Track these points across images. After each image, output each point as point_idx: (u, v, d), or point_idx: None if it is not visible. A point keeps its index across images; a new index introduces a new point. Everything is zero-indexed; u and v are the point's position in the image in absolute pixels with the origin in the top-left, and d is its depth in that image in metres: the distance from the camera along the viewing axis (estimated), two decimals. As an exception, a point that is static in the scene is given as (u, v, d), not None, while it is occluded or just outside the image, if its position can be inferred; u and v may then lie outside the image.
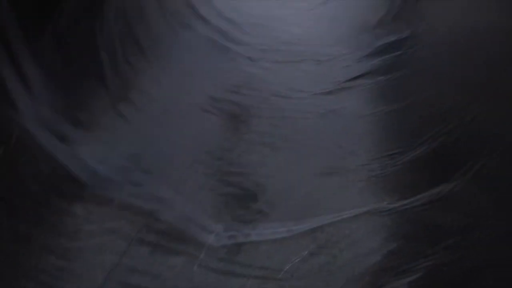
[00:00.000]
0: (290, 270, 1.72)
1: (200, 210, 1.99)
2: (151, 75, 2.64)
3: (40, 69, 1.96)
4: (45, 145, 1.79)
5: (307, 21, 3.81)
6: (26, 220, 1.61)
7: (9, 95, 1.70)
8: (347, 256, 1.83)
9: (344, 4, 3.91)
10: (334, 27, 3.61)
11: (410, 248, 1.80)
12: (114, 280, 1.60)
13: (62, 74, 2.10)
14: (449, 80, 2.43)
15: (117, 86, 2.38)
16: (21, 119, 1.75)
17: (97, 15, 2.40)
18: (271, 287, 1.65)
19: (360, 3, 3.69)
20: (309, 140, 2.41)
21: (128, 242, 1.75)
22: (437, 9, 2.97)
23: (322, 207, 2.07)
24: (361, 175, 2.13)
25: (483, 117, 2.07)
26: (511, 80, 2.03)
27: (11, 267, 1.52)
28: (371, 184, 2.07)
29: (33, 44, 1.92)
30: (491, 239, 1.73)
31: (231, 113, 2.61)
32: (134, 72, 2.54)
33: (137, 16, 2.79)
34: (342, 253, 1.85)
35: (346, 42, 3.32)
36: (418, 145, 2.13)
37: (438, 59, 2.63)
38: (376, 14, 3.36)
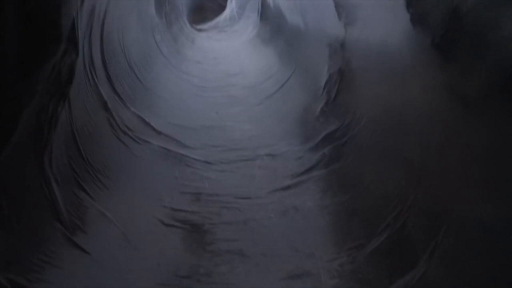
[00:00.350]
0: None
1: None
2: (108, 198, 2.59)
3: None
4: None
5: (256, 117, 4.00)
6: None
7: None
8: None
9: (288, 98, 4.17)
10: (282, 120, 3.80)
11: None
12: None
13: (8, 218, 2.01)
14: (389, 162, 2.58)
15: (73, 217, 2.30)
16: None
17: (45, 145, 2.38)
18: None
19: (302, 95, 3.96)
20: (275, 241, 2.39)
21: None
22: (372, 91, 3.24)
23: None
24: (331, 272, 2.11)
25: (428, 194, 2.18)
26: (446, 155, 2.18)
27: None
28: (343, 282, 2.05)
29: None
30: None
31: (193, 224, 2.57)
32: (90, 198, 2.48)
33: (87, 139, 2.80)
34: None
35: (295, 134, 3.49)
36: (378, 232, 2.18)
37: (378, 141, 2.80)
38: (318, 103, 3.60)
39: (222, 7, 9.69)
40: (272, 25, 6.28)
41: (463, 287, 1.79)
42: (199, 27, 8.25)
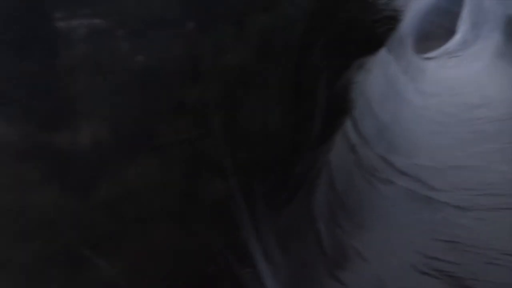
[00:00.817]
0: None
1: None
2: (361, 236, 2.74)
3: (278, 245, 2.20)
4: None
5: (504, 160, 3.48)
6: None
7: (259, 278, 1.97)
8: None
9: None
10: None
11: None
12: None
13: (291, 246, 2.38)
14: None
15: (333, 251, 2.53)
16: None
17: (313, 189, 2.72)
18: None
19: None
20: None
21: None
22: None
23: None
24: None
25: None
26: None
27: None
28: None
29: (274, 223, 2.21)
30: None
31: (452, 276, 2.42)
32: (346, 236, 2.68)
33: (341, 181, 3.05)
34: None
35: None
36: None
37: None
38: None
39: (449, 32, 9.04)
40: (523, 44, 5.44)
41: None
42: (426, 56, 7.90)
